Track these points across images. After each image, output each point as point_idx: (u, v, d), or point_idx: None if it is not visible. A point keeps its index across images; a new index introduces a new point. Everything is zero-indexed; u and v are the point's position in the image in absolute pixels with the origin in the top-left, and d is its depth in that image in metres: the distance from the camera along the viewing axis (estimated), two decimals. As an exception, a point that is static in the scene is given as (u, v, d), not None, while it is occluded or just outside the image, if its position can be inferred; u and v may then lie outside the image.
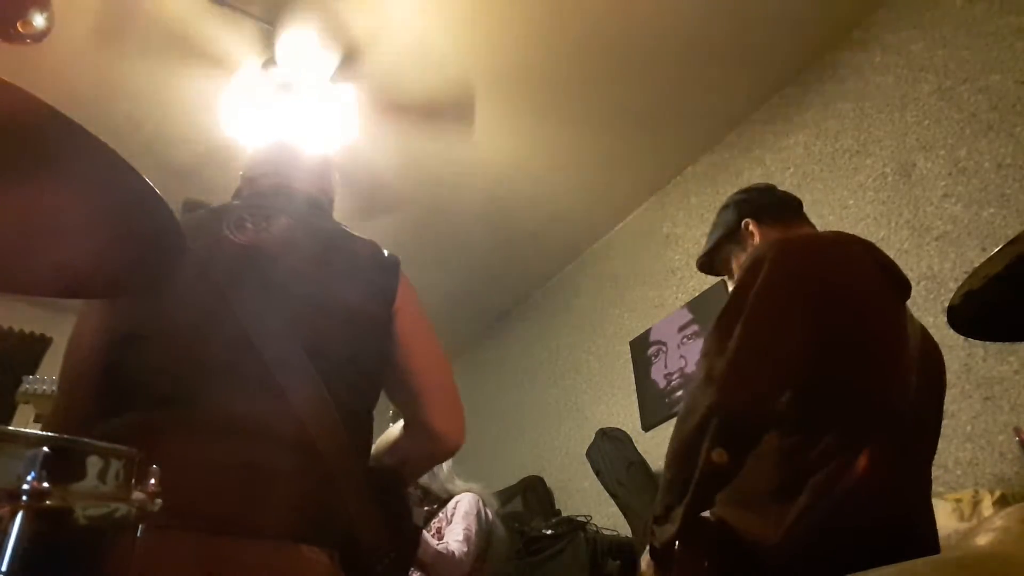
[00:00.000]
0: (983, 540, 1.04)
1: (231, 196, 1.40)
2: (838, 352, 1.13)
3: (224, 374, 1.06)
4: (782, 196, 1.56)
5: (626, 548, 2.77)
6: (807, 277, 1.18)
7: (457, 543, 2.39)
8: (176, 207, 0.90)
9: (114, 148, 0.72)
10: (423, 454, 1.36)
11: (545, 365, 4.13)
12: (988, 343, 1.99)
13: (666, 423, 3.09)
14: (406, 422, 1.33)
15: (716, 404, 1.07)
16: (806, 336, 1.11)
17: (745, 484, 1.09)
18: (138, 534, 0.66)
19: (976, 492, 1.78)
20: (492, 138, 3.17)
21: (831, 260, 1.25)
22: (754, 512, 1.12)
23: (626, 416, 3.35)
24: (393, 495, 1.23)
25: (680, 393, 3.13)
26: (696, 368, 1.18)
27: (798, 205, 1.54)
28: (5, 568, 0.53)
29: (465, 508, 2.54)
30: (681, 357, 3.19)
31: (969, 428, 2.02)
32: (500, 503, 3.01)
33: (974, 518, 1.69)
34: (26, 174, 0.74)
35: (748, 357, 1.10)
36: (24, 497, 0.54)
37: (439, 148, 3.18)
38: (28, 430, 0.62)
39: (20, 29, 1.39)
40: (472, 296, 4.35)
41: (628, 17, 2.66)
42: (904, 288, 1.30)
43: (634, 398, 3.37)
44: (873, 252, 1.30)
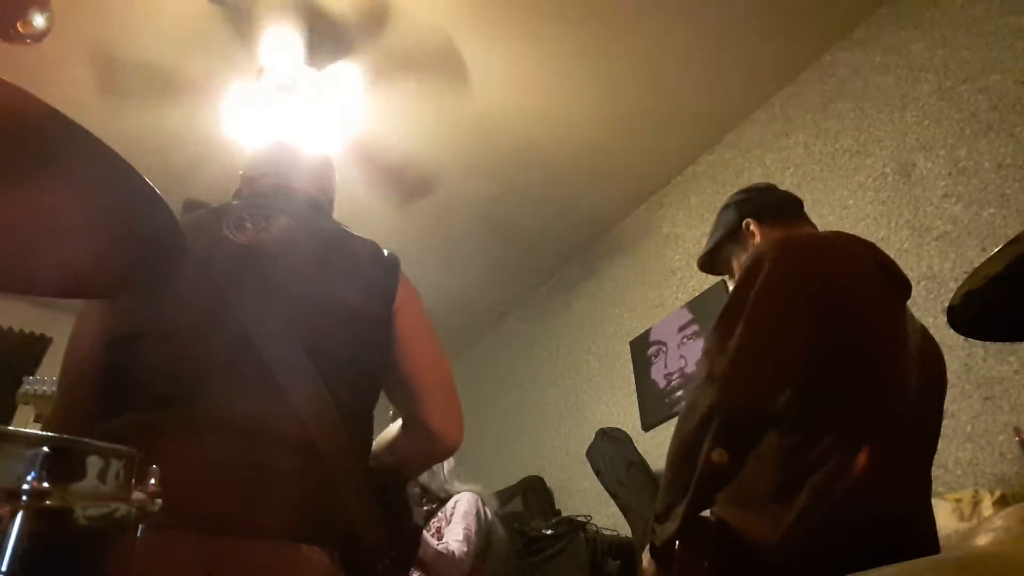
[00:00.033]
0: (983, 540, 1.04)
1: (231, 196, 1.40)
2: (838, 352, 1.13)
3: (224, 374, 1.06)
4: (783, 196, 1.56)
5: (626, 548, 2.77)
6: (808, 277, 1.18)
7: (457, 543, 2.39)
8: (176, 207, 0.89)
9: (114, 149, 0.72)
10: (422, 453, 1.36)
11: (545, 365, 4.13)
12: (988, 343, 1.99)
13: (666, 423, 3.09)
14: (405, 421, 1.33)
15: (717, 403, 1.07)
16: (806, 336, 1.12)
17: (745, 484, 1.09)
18: (138, 534, 0.66)
19: (976, 492, 1.78)
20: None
21: (832, 260, 1.25)
22: (754, 512, 1.12)
23: (626, 416, 3.35)
24: (393, 495, 1.23)
25: (680, 393, 3.13)
26: (697, 367, 1.18)
27: (799, 205, 1.54)
28: (5, 568, 0.53)
29: (464, 508, 2.54)
30: (681, 357, 3.19)
31: (969, 428, 2.02)
32: (500, 503, 3.01)
33: (974, 518, 1.69)
34: (26, 174, 0.74)
35: (749, 356, 1.10)
36: (24, 497, 0.54)
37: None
38: (28, 430, 0.62)
39: (20, 29, 1.39)
40: (472, 296, 4.35)
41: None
42: (904, 288, 1.30)
43: (634, 398, 3.37)
44: (873, 252, 1.30)
